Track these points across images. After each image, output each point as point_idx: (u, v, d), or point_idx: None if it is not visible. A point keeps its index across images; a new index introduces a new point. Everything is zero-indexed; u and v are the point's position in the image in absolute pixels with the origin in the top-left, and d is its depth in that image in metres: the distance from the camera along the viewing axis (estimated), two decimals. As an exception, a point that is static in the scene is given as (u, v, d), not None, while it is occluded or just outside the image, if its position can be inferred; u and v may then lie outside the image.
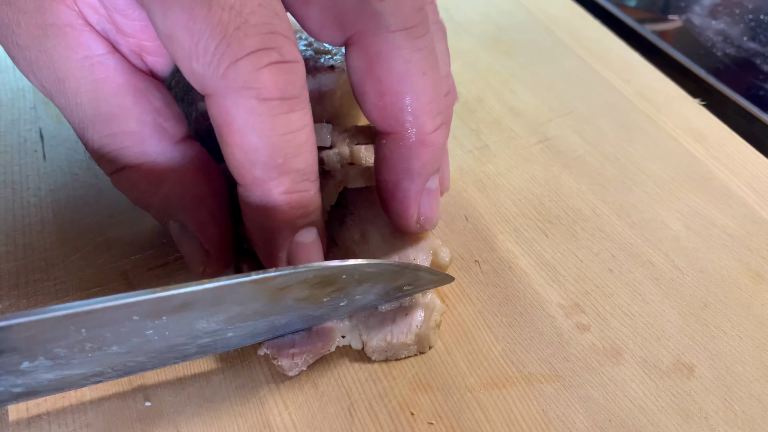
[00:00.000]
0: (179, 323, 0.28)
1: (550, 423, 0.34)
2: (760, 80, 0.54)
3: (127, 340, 0.27)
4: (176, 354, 0.31)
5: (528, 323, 0.38)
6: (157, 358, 0.31)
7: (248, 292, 0.28)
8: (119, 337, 0.27)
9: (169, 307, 0.26)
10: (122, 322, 0.26)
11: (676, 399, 0.34)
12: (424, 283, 0.34)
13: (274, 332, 0.33)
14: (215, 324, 0.29)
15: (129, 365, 0.30)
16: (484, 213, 0.44)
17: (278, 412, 0.34)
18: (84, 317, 0.25)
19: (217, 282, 0.26)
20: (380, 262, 0.31)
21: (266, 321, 0.31)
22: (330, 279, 0.29)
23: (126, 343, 0.28)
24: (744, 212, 0.43)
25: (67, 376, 0.29)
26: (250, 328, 0.31)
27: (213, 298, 0.27)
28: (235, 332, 0.31)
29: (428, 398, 0.35)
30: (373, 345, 0.36)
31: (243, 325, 0.30)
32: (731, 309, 0.38)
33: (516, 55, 0.56)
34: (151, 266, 0.41)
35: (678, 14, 0.62)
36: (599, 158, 0.47)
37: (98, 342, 0.27)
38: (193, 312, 0.27)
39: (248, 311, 0.29)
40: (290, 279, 0.28)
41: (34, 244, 0.42)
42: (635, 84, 0.53)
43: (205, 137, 0.41)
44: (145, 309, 0.26)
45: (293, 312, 0.31)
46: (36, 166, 0.46)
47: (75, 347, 0.26)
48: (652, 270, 0.40)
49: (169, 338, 0.28)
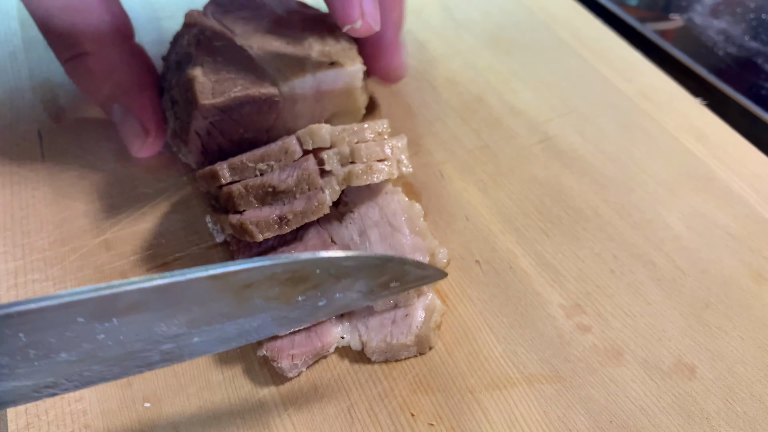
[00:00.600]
0: (133, 326, 0.25)
1: (551, 424, 0.33)
2: (762, 80, 0.54)
3: (76, 346, 0.25)
4: (137, 362, 0.28)
5: (529, 324, 0.37)
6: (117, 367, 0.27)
7: (207, 289, 0.26)
8: (66, 343, 0.24)
9: (117, 307, 0.24)
10: (66, 325, 0.24)
11: (677, 400, 0.34)
12: (412, 279, 0.33)
13: (246, 337, 0.30)
14: (176, 327, 0.27)
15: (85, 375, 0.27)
16: (484, 213, 0.44)
17: (278, 413, 0.34)
18: (19, 319, 0.23)
19: (170, 278, 0.24)
20: (359, 254, 0.29)
21: (235, 324, 0.29)
22: (302, 275, 0.27)
23: (76, 350, 0.25)
24: (746, 212, 0.43)
25: (14, 387, 0.25)
26: (217, 333, 0.29)
27: (167, 297, 0.25)
28: (201, 337, 0.28)
29: (428, 399, 0.34)
30: (373, 346, 0.35)
31: (209, 329, 0.28)
32: (733, 309, 0.38)
33: (517, 54, 0.56)
34: (149, 266, 0.40)
35: (679, 13, 0.62)
36: (600, 158, 0.47)
37: (43, 348, 0.24)
38: (146, 313, 0.25)
39: (212, 313, 0.27)
40: (254, 275, 0.26)
41: (33, 245, 0.41)
42: (636, 83, 0.53)
43: (204, 136, 0.41)
44: (89, 310, 0.24)
45: (264, 313, 0.29)
46: (34, 165, 0.46)
47: (17, 354, 0.24)
48: (653, 270, 0.40)
49: (125, 344, 0.26)
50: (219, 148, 0.42)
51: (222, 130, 0.41)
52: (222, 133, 0.41)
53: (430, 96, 0.52)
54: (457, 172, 0.46)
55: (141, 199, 0.44)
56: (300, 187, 0.37)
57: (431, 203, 0.44)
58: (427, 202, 0.44)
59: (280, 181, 0.37)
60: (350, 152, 0.38)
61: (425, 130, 0.49)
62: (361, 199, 0.39)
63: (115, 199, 0.44)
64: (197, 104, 0.39)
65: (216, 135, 0.41)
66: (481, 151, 0.48)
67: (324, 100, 0.44)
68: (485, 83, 0.53)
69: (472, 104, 0.51)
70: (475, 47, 0.56)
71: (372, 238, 0.37)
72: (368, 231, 0.38)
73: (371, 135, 0.39)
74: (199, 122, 0.40)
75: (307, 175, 0.37)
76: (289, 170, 0.37)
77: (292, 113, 0.43)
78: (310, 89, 0.42)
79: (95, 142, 0.48)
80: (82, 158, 0.47)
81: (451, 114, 0.50)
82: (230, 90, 0.39)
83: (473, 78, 0.53)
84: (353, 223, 0.38)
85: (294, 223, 0.36)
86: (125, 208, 0.44)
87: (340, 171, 0.37)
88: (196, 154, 0.43)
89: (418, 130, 0.49)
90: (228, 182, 0.38)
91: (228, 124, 0.41)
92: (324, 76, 0.42)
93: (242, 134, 0.42)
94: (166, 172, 0.46)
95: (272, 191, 0.37)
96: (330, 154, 0.38)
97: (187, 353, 0.29)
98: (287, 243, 0.38)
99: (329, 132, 0.38)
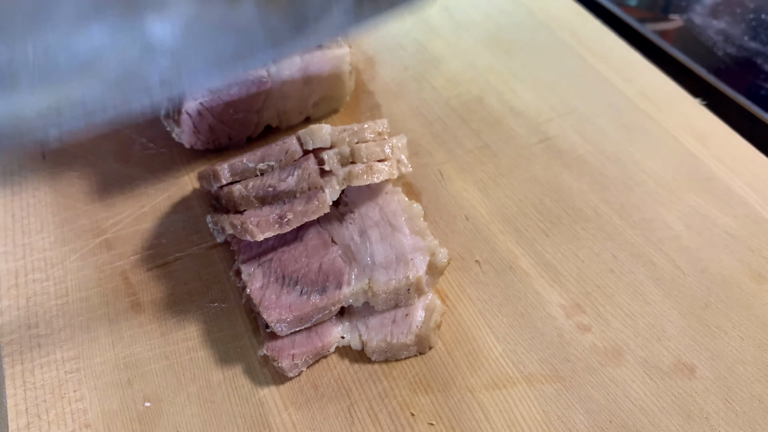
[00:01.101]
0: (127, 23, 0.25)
1: (550, 423, 0.33)
2: (761, 80, 0.54)
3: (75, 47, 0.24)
4: (138, 85, 0.27)
5: (529, 324, 0.38)
6: (118, 90, 0.27)
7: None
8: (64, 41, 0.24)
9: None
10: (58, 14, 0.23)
11: (677, 399, 0.34)
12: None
13: (243, 60, 0.30)
14: (170, 31, 0.26)
15: (87, 101, 0.26)
16: (484, 213, 0.44)
17: (278, 413, 0.34)
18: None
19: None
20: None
21: (227, 38, 0.28)
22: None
23: (75, 53, 0.25)
24: (745, 212, 0.43)
25: (19, 110, 0.25)
26: (212, 46, 0.28)
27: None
28: (198, 53, 0.28)
29: (428, 399, 0.35)
30: (373, 345, 0.36)
31: (204, 41, 0.27)
32: (732, 309, 0.38)
33: (517, 55, 0.56)
34: (150, 266, 0.40)
35: (679, 14, 0.62)
36: (600, 158, 0.47)
37: (41, 47, 0.24)
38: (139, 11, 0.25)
39: (205, 19, 0.26)
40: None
41: (34, 244, 0.41)
42: (636, 83, 0.53)
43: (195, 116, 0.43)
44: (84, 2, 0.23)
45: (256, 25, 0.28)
46: (35, 166, 0.46)
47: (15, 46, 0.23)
48: (653, 270, 0.40)
49: (122, 49, 0.25)
50: (210, 128, 0.44)
51: (212, 110, 0.43)
52: (212, 113, 0.43)
53: (430, 96, 0.52)
54: (457, 172, 0.46)
55: (141, 199, 0.44)
56: (300, 187, 0.37)
57: (431, 203, 0.44)
58: (427, 202, 0.44)
59: (281, 181, 0.37)
60: (350, 152, 0.38)
61: (425, 130, 0.49)
62: (361, 199, 0.39)
63: (115, 199, 0.44)
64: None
65: (206, 115, 0.43)
66: (481, 151, 0.48)
67: (312, 83, 0.45)
68: (485, 83, 0.53)
69: (472, 104, 0.51)
70: (475, 47, 0.56)
71: (372, 237, 0.37)
72: (368, 231, 0.38)
73: (371, 135, 0.39)
74: (189, 103, 0.41)
75: (308, 175, 0.37)
76: (290, 170, 0.37)
77: (281, 94, 0.44)
78: (299, 71, 0.44)
79: (96, 143, 0.48)
80: (83, 158, 0.47)
81: (451, 114, 0.50)
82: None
83: (473, 78, 0.53)
84: (353, 223, 0.38)
85: (294, 222, 0.36)
86: (126, 208, 0.44)
87: (340, 171, 0.37)
88: (188, 134, 0.44)
89: (418, 130, 0.49)
90: (229, 182, 0.38)
91: (218, 104, 0.42)
92: (311, 58, 0.44)
93: (232, 115, 0.44)
94: (166, 172, 0.46)
95: (273, 191, 0.37)
96: (330, 154, 0.38)
97: (186, 76, 0.28)
98: (287, 243, 0.38)
99: (329, 132, 0.38)
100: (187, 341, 0.37)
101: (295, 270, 0.37)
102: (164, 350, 0.37)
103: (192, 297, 0.39)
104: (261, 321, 0.36)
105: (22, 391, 0.35)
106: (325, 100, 0.48)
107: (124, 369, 0.36)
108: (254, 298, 0.36)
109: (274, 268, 0.37)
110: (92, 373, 0.36)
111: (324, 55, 0.44)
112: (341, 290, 0.36)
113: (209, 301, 0.39)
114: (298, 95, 0.46)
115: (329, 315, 0.36)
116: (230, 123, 0.44)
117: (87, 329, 0.38)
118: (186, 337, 0.37)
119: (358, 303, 0.36)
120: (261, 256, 0.37)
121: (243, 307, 0.39)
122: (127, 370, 0.36)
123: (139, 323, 0.38)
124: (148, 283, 0.40)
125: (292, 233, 0.38)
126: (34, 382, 0.35)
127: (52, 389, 0.35)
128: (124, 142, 0.48)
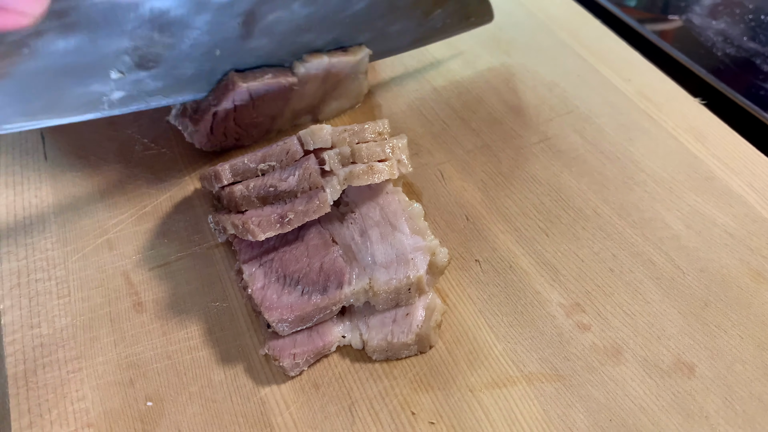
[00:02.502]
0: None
1: (550, 422, 0.34)
2: (760, 80, 0.54)
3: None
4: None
5: (529, 323, 0.38)
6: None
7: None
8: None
9: None
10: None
11: (676, 398, 0.34)
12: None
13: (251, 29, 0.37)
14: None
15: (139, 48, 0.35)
16: (484, 212, 0.44)
17: (279, 412, 0.34)
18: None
19: None
20: None
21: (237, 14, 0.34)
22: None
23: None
24: (744, 211, 0.43)
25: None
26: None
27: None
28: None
29: (429, 397, 0.35)
30: (374, 344, 0.36)
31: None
32: (732, 308, 0.38)
33: (516, 55, 0.56)
34: (151, 266, 0.41)
35: (678, 14, 0.62)
36: (600, 157, 0.47)
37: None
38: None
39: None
40: None
41: (36, 244, 0.42)
42: (636, 83, 0.53)
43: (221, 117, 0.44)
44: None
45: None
46: (37, 166, 0.46)
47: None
48: (652, 269, 0.40)
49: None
50: (224, 131, 0.45)
51: (239, 112, 0.43)
52: (236, 116, 0.44)
53: (430, 96, 0.52)
54: (457, 172, 0.46)
55: (143, 199, 0.44)
56: (301, 187, 0.37)
57: (431, 203, 0.44)
58: (427, 202, 0.44)
59: (282, 181, 0.37)
60: (351, 152, 0.38)
61: (425, 130, 0.49)
62: (361, 198, 0.39)
63: (117, 200, 0.44)
64: (234, 86, 0.41)
65: (230, 118, 0.44)
66: (481, 151, 0.48)
67: (329, 81, 0.46)
68: (485, 83, 0.53)
69: (472, 104, 0.51)
70: (474, 47, 0.56)
71: (373, 237, 0.38)
72: (369, 230, 0.38)
73: (372, 135, 0.39)
74: (226, 103, 0.42)
75: (309, 175, 0.37)
76: (291, 170, 0.38)
77: (300, 95, 0.46)
78: (323, 71, 0.45)
79: (97, 143, 0.48)
80: (85, 159, 0.47)
81: (451, 114, 0.51)
82: (263, 77, 0.42)
83: (473, 78, 0.54)
84: (354, 223, 0.38)
85: (295, 221, 0.36)
86: (127, 208, 0.44)
87: (341, 171, 0.38)
88: (202, 135, 0.44)
89: (418, 130, 0.49)
90: (230, 183, 0.38)
91: (247, 107, 0.43)
92: (337, 60, 0.45)
93: (254, 118, 0.45)
94: (168, 173, 0.46)
95: (274, 191, 0.37)
96: (331, 154, 0.38)
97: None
98: (289, 242, 0.38)
99: (330, 132, 0.38)
100: (189, 341, 0.37)
101: (296, 270, 0.37)
102: (166, 350, 0.37)
103: (193, 297, 0.39)
104: (262, 320, 0.37)
105: (24, 390, 0.35)
106: (340, 98, 0.49)
107: (126, 368, 0.36)
108: (255, 297, 0.36)
109: (276, 267, 0.37)
110: (94, 373, 0.36)
111: (346, 55, 0.45)
112: (342, 290, 0.36)
113: (211, 301, 0.39)
114: (315, 94, 0.47)
115: (330, 314, 0.36)
116: (246, 126, 0.45)
117: (89, 329, 0.38)
118: (188, 336, 0.37)
119: (359, 302, 0.36)
120: (262, 256, 0.38)
121: (244, 307, 0.39)
122: (129, 369, 0.36)
123: (140, 323, 0.38)
124: (150, 282, 0.40)
125: (293, 233, 0.38)
126: (36, 382, 0.35)
127: (54, 389, 0.35)
128: (125, 143, 0.48)
